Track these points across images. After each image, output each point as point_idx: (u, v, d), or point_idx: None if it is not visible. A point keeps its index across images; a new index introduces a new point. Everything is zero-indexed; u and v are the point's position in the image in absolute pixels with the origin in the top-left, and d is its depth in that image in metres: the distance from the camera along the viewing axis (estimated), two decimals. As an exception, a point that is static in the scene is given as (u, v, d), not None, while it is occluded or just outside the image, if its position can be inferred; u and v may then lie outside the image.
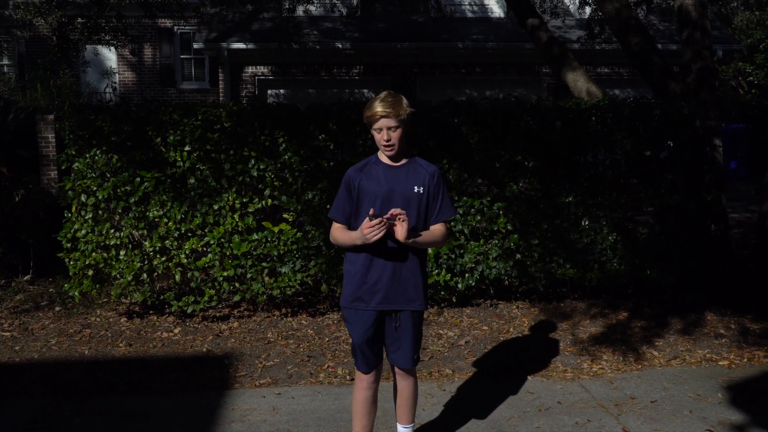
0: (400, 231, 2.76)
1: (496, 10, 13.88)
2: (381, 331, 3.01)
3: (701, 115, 5.97)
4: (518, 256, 5.51)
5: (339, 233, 3.00)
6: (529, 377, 4.32)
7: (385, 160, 2.98)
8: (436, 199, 2.95)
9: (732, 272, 6.03)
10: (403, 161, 2.97)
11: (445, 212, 2.97)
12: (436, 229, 2.96)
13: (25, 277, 6.76)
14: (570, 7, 13.70)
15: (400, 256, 2.91)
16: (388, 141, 2.86)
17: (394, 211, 2.76)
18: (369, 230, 2.75)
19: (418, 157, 3.05)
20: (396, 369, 3.12)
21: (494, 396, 4.01)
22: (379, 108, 2.83)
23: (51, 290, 6.40)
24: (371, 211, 2.77)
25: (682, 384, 4.18)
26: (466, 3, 13.93)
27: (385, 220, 2.74)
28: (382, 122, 2.84)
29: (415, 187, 2.91)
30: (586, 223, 5.63)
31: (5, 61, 16.20)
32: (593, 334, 5.08)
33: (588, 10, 11.88)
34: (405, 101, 2.90)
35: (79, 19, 9.77)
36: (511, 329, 5.21)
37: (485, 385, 4.21)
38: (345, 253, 3.07)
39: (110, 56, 16.21)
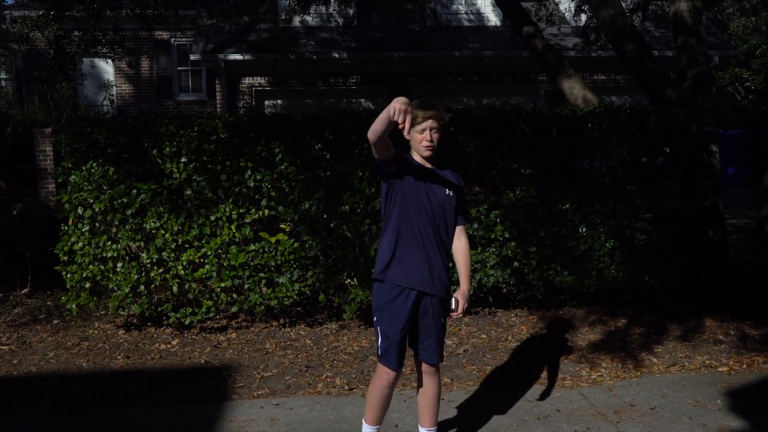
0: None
1: (493, 19, 13.93)
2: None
3: (697, 121, 5.98)
4: (516, 263, 5.51)
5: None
6: (527, 385, 4.31)
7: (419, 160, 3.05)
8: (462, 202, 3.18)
9: (730, 278, 6.02)
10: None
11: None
12: None
13: (23, 291, 6.75)
14: (566, 14, 13.76)
15: None
16: (430, 141, 2.97)
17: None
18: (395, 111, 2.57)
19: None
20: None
21: (493, 404, 4.00)
22: (430, 109, 2.94)
23: (49, 303, 6.39)
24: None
25: (681, 391, 4.16)
26: (463, 12, 13.99)
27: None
28: (430, 123, 2.94)
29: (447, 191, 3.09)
30: (584, 230, 5.62)
31: (3, 75, 16.22)
32: (592, 342, 5.06)
33: (584, 17, 11.93)
34: None
35: (76, 33, 9.77)
36: (510, 337, 5.20)
37: (484, 394, 4.19)
38: None
39: (107, 69, 16.24)
